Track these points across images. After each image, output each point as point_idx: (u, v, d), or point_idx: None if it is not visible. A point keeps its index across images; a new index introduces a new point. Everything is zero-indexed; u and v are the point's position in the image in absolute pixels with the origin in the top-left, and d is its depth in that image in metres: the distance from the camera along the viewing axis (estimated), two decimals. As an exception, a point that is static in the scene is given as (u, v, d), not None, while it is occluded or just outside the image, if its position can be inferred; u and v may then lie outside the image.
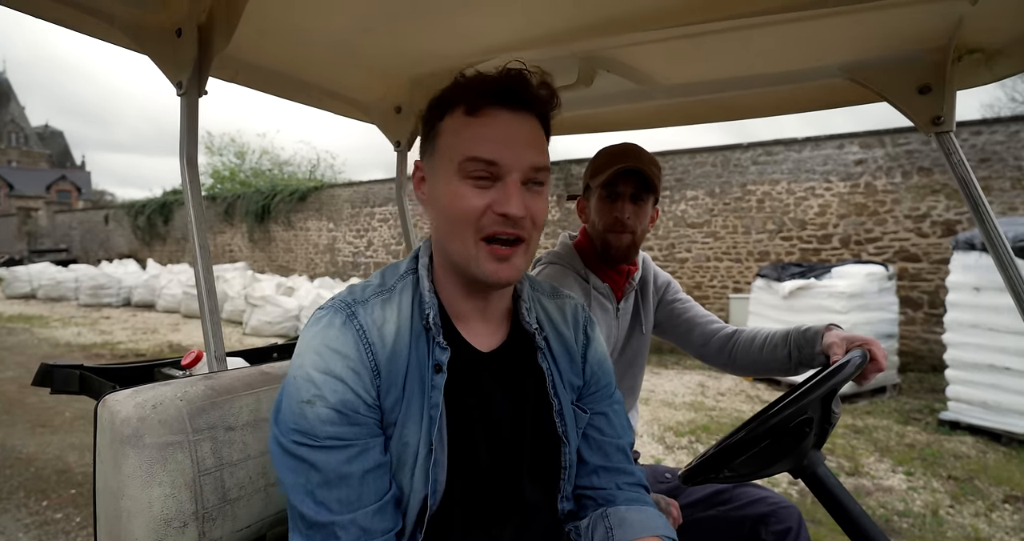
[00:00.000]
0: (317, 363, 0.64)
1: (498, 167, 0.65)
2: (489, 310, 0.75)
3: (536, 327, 0.77)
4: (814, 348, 1.07)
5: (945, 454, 3.62)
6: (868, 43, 1.00)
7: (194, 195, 1.00)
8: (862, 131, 6.42)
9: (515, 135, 0.66)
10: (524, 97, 0.67)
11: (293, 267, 12.20)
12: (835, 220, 6.60)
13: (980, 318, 3.91)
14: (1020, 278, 0.97)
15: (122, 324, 9.42)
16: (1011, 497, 3.01)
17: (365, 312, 0.68)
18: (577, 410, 0.79)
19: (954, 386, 4.09)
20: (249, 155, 18.93)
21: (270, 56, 1.21)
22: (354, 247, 11.21)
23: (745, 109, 1.39)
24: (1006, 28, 0.91)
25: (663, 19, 0.99)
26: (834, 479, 0.78)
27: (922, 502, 2.97)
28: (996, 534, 2.61)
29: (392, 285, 0.72)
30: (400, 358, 0.67)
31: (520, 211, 0.64)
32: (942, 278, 5.11)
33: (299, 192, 12.10)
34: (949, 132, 1.00)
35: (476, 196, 0.65)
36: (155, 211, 15.15)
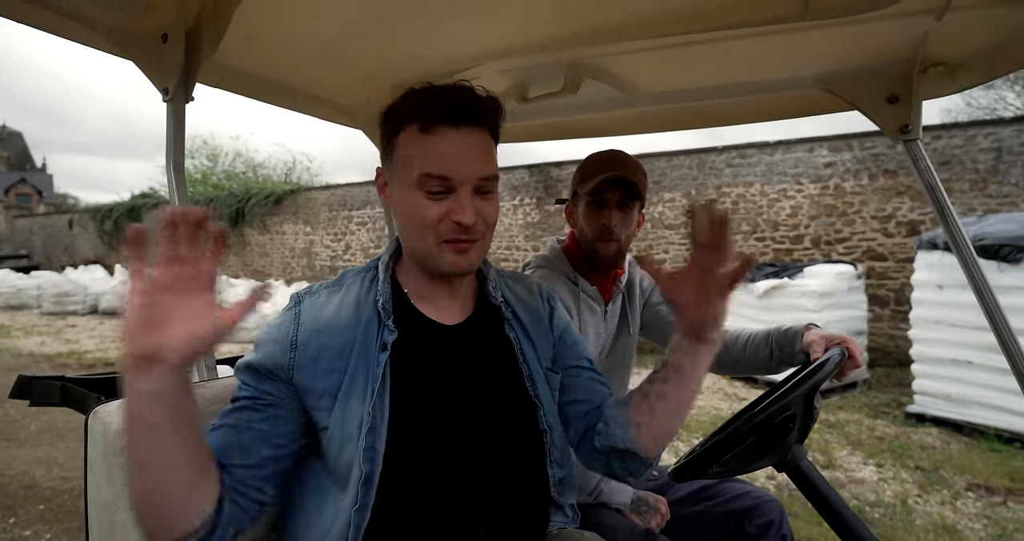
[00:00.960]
0: (258, 338, 0.75)
1: (450, 181, 0.72)
2: (455, 291, 0.83)
3: (502, 300, 0.85)
4: (794, 347, 1.12)
5: (912, 446, 3.77)
6: (841, 55, 1.05)
7: (181, 202, 0.99)
8: (831, 135, 6.64)
9: (464, 151, 0.73)
10: (471, 113, 0.74)
11: (269, 272, 11.97)
12: (806, 221, 6.81)
13: (943, 314, 4.08)
14: (982, 276, 1.03)
15: (89, 332, 9.09)
16: (973, 485, 3.15)
17: (309, 300, 0.78)
18: (549, 373, 0.85)
19: (920, 380, 4.25)
20: (222, 158, 18.53)
21: (256, 61, 1.20)
22: (332, 251, 11.06)
23: (724, 116, 1.44)
24: (968, 43, 0.97)
25: (648, 29, 1.02)
26: (816, 472, 0.82)
27: (892, 492, 3.08)
28: (961, 521, 2.73)
29: (345, 280, 0.82)
30: (336, 337, 0.74)
31: (472, 219, 0.72)
32: (907, 276, 5.31)
33: (274, 195, 11.89)
34: (916, 140, 1.05)
35: (432, 207, 0.73)
36: (123, 215, 14.69)
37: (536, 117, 1.52)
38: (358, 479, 0.69)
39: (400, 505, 0.71)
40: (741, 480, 1.22)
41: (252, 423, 0.69)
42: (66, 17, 0.95)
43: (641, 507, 1.14)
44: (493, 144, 0.79)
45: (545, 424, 0.81)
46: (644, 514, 1.12)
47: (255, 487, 0.68)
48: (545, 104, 1.39)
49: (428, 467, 0.73)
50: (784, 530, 1.13)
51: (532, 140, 1.68)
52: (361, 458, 0.69)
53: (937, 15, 0.84)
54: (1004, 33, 0.94)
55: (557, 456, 0.82)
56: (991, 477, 3.22)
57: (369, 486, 0.69)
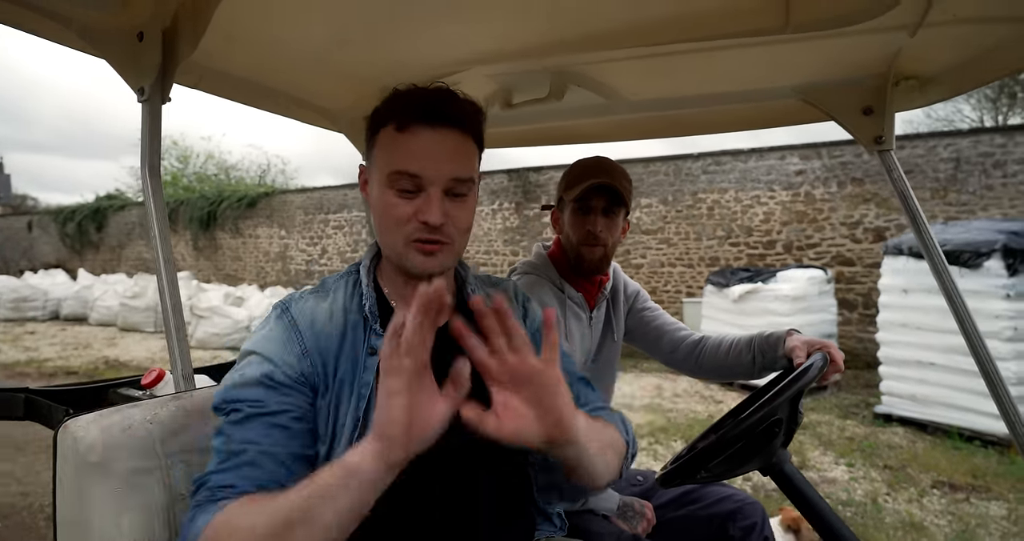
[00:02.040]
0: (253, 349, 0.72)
1: (420, 179, 0.72)
2: None
3: None
4: (776, 352, 1.14)
5: (880, 445, 3.89)
6: (819, 67, 1.09)
7: (157, 206, 0.96)
8: (801, 144, 6.84)
9: (437, 150, 0.73)
10: (447, 114, 0.74)
11: (242, 276, 11.69)
12: (779, 227, 6.99)
13: (908, 318, 4.23)
14: (952, 281, 1.07)
15: (49, 339, 8.72)
16: (938, 482, 3.27)
17: (297, 305, 0.77)
18: None
19: (887, 381, 4.40)
20: (193, 159, 18.04)
21: (236, 62, 1.17)
22: (307, 255, 10.86)
23: (706, 125, 1.46)
24: (938, 59, 1.01)
25: (633, 38, 1.03)
26: (800, 475, 0.84)
27: (863, 491, 3.17)
28: (927, 518, 2.83)
29: (328, 286, 0.81)
30: (330, 342, 0.73)
31: (439, 220, 0.71)
32: (874, 281, 5.49)
33: (248, 198, 11.62)
34: (890, 150, 1.09)
35: (402, 205, 0.73)
36: (87, 217, 14.15)
37: (521, 123, 1.52)
38: None
39: (382, 514, 0.69)
40: (724, 484, 1.24)
41: (280, 442, 0.66)
42: (38, 13, 0.91)
43: (627, 513, 1.14)
44: (473, 148, 0.78)
45: None
46: (630, 520, 1.13)
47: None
48: (530, 110, 1.39)
49: (411, 475, 0.71)
50: (767, 532, 1.15)
51: (516, 145, 1.69)
52: None
53: (911, 31, 0.87)
54: (970, 51, 0.98)
55: (540, 460, 0.81)
56: (954, 474, 3.35)
57: None
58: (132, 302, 9.65)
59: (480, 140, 0.80)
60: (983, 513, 2.87)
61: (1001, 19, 0.86)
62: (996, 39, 0.91)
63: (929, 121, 12.62)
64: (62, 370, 6.44)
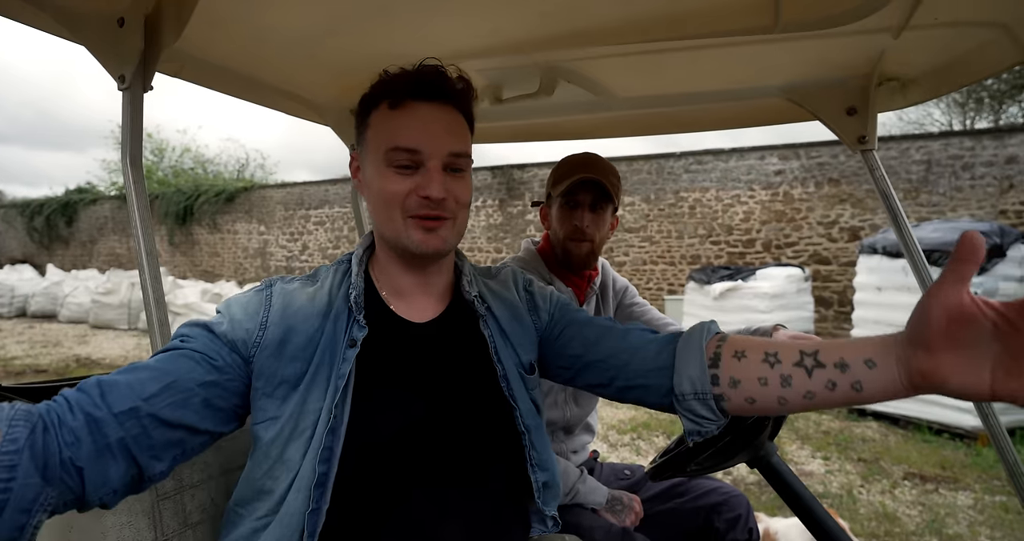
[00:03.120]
0: (223, 307, 0.71)
1: (419, 154, 0.71)
2: (430, 285, 0.80)
3: (476, 295, 0.82)
4: None
5: (855, 439, 4.00)
6: (805, 67, 1.11)
7: (139, 197, 0.93)
8: (780, 144, 6.98)
9: (433, 125, 0.72)
10: (441, 89, 0.74)
11: (219, 272, 11.46)
12: (758, 225, 7.12)
13: (882, 315, 4.35)
14: (931, 278, 1.10)
15: (16, 337, 8.43)
16: (909, 474, 3.37)
17: (281, 286, 0.75)
18: (523, 373, 0.81)
19: (862, 377, 4.52)
20: (168, 153, 17.60)
21: (220, 51, 1.14)
22: (288, 251, 10.70)
23: (694, 123, 1.48)
24: (919, 61, 1.04)
25: (623, 35, 1.04)
26: (786, 467, 0.85)
27: (838, 483, 3.26)
28: (899, 508, 2.92)
29: (319, 275, 0.79)
30: (306, 328, 0.71)
31: (440, 193, 0.70)
32: (849, 279, 5.64)
33: (226, 193, 11.39)
34: (872, 150, 1.12)
35: (401, 182, 0.71)
36: (56, 211, 13.70)
37: (510, 118, 1.51)
38: (310, 480, 0.65)
39: (361, 513, 0.68)
40: (710, 477, 1.26)
41: (189, 375, 0.63)
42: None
43: (616, 506, 1.15)
44: (466, 125, 0.77)
45: (523, 426, 0.78)
46: (619, 513, 1.14)
47: (158, 448, 0.59)
48: (519, 105, 1.39)
49: (389, 473, 0.69)
50: (751, 524, 1.17)
51: (505, 141, 1.68)
52: (317, 458, 0.65)
53: (895, 33, 0.89)
54: (949, 55, 1.01)
55: (538, 459, 0.79)
56: (924, 466, 3.46)
57: (323, 489, 0.65)
58: (104, 299, 9.38)
59: (471, 119, 0.79)
60: (951, 503, 2.98)
61: (980, 23, 0.88)
62: (975, 42, 0.94)
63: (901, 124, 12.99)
64: (31, 368, 6.23)
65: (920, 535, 2.63)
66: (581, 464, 1.31)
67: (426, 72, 0.74)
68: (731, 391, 0.64)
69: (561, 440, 1.28)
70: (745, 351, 0.64)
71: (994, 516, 2.80)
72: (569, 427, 1.30)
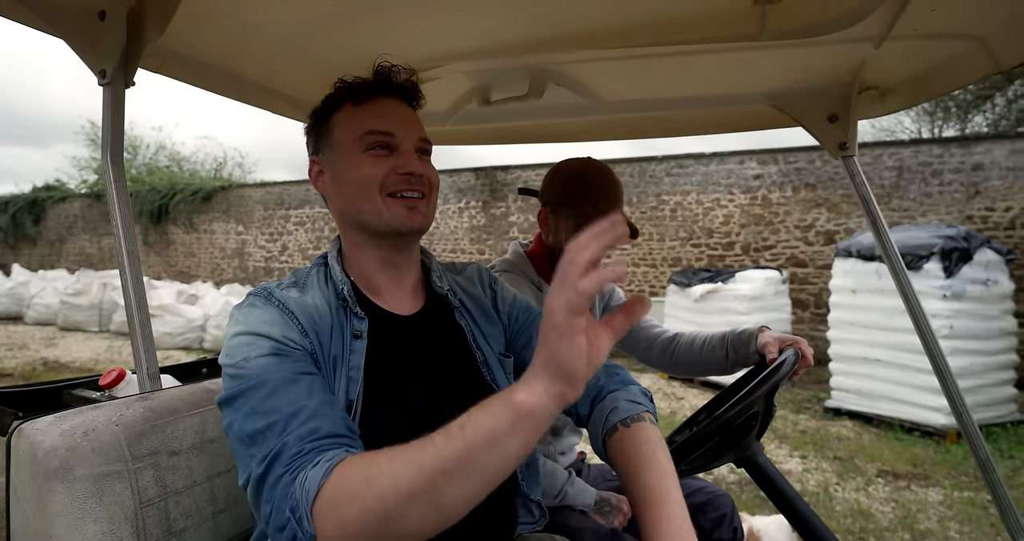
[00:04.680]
0: (244, 330, 0.66)
1: (394, 137, 0.76)
2: (403, 280, 0.82)
3: (448, 289, 0.86)
4: (749, 348, 1.18)
5: (830, 438, 4.09)
6: (789, 75, 1.13)
7: (120, 194, 0.90)
8: (759, 149, 7.12)
9: (401, 114, 0.79)
10: (399, 87, 0.81)
11: (196, 273, 11.19)
12: (737, 229, 7.24)
13: (856, 316, 4.47)
14: (908, 281, 1.13)
15: (-21, 339, 8.11)
16: (883, 472, 3.47)
17: (279, 292, 0.74)
18: (502, 358, 0.86)
19: (836, 377, 4.64)
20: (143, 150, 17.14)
21: (204, 47, 1.12)
22: (267, 251, 10.51)
23: (680, 127, 1.50)
24: (898, 71, 1.08)
25: (613, 40, 1.05)
26: (772, 466, 0.87)
27: (815, 481, 3.33)
28: (873, 505, 3.00)
29: (301, 280, 0.79)
30: (324, 323, 0.72)
31: (419, 169, 0.75)
32: (825, 282, 5.78)
33: (203, 192, 11.14)
34: (853, 156, 1.15)
35: (378, 164, 0.75)
36: (22, 209, 13.21)
37: (498, 120, 1.52)
38: None
39: None
40: (695, 477, 1.27)
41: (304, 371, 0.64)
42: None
43: (604, 507, 1.16)
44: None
45: None
46: (607, 514, 1.14)
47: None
48: (507, 108, 1.39)
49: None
50: (735, 523, 1.19)
51: (494, 143, 1.68)
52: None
53: (876, 43, 0.92)
54: (927, 65, 1.05)
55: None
56: (897, 464, 3.56)
57: None
58: (74, 300, 9.08)
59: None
60: (922, 499, 3.07)
61: (956, 35, 0.92)
62: (951, 54, 0.97)
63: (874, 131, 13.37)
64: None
65: (893, 531, 2.71)
66: (569, 466, 1.31)
67: (386, 73, 0.80)
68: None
69: (548, 442, 1.29)
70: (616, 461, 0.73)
71: (962, 511, 2.90)
72: (556, 429, 1.30)
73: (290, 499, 0.53)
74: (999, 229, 6.13)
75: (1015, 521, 1.08)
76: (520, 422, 0.48)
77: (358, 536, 0.51)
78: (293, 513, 0.53)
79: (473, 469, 0.49)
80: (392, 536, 0.51)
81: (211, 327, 7.60)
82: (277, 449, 0.56)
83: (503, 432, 0.48)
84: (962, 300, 4.01)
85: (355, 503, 0.51)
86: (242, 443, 0.59)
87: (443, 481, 0.49)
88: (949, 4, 0.80)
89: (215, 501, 0.77)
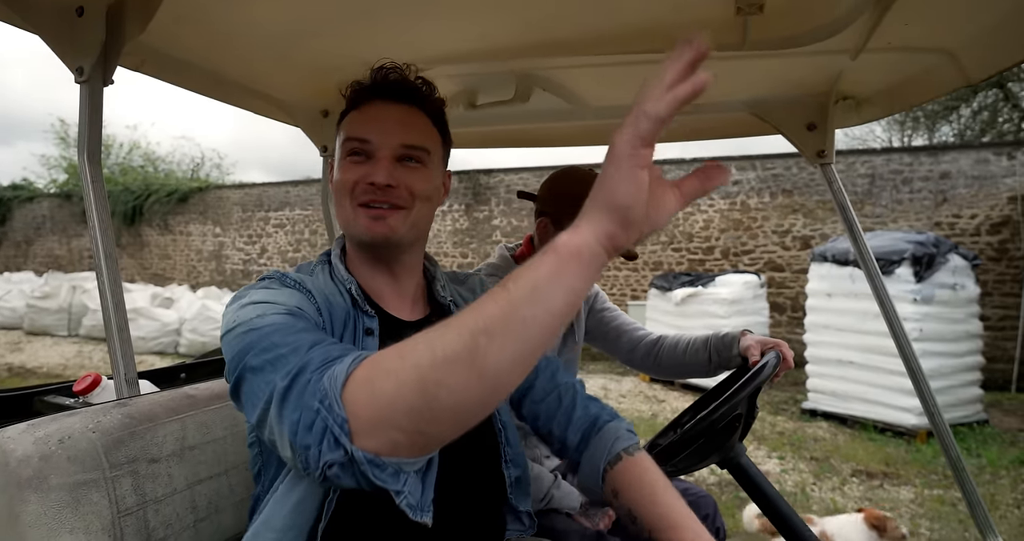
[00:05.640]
0: (261, 299, 0.63)
1: (370, 144, 0.74)
2: (402, 287, 0.81)
3: (451, 300, 0.85)
4: (731, 351, 1.20)
5: (807, 438, 4.18)
6: (770, 84, 1.16)
7: (97, 195, 0.88)
8: (737, 155, 7.26)
9: (386, 119, 0.76)
10: (396, 89, 0.78)
11: (171, 275, 10.93)
12: (717, 233, 7.37)
13: (831, 320, 4.58)
14: (883, 285, 1.17)
15: (-59, 345, 7.78)
16: (857, 471, 3.55)
17: (295, 275, 0.73)
18: None
19: (812, 379, 4.74)
20: (116, 149, 16.68)
21: (186, 46, 1.10)
22: (245, 254, 10.31)
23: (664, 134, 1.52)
24: (873, 82, 1.11)
25: (599, 46, 1.06)
26: (755, 467, 0.89)
27: (793, 482, 3.39)
28: (848, 504, 3.07)
29: (307, 271, 0.78)
30: (338, 311, 0.71)
31: (385, 180, 0.72)
32: (801, 286, 5.90)
33: (179, 192, 10.90)
34: (830, 164, 1.18)
35: (352, 170, 0.74)
36: (-12, 209, 12.76)
37: (484, 124, 1.52)
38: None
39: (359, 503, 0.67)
40: (678, 479, 1.29)
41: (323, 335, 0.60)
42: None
43: (589, 510, 1.16)
44: (425, 120, 0.79)
45: (499, 423, 0.80)
46: (592, 517, 1.15)
47: None
48: (493, 112, 1.40)
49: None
50: (718, 523, 1.21)
51: (480, 146, 1.69)
52: None
53: (852, 55, 0.95)
54: (901, 77, 1.09)
55: (512, 455, 0.81)
56: (870, 463, 3.65)
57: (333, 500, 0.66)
58: (41, 303, 8.78)
59: (439, 121, 0.81)
60: (895, 497, 3.15)
61: (928, 49, 0.95)
62: (923, 66, 1.01)
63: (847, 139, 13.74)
64: (-45, 379, 5.76)
65: (868, 529, 2.77)
66: (554, 469, 1.31)
67: (385, 74, 0.78)
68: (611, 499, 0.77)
69: (535, 445, 1.29)
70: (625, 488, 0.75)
71: (932, 509, 2.99)
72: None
73: (318, 393, 0.48)
74: (965, 235, 6.35)
75: (984, 517, 1.12)
76: (565, 265, 0.43)
77: (393, 414, 0.45)
78: (322, 402, 0.47)
79: (516, 324, 0.43)
80: (430, 414, 0.45)
81: (187, 331, 7.43)
82: (302, 364, 0.52)
83: (546, 278, 0.43)
84: (931, 304, 4.14)
85: (389, 377, 0.46)
86: (258, 373, 0.54)
87: (484, 341, 0.43)
88: (921, 19, 0.83)
89: (196, 509, 0.76)
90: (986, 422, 4.38)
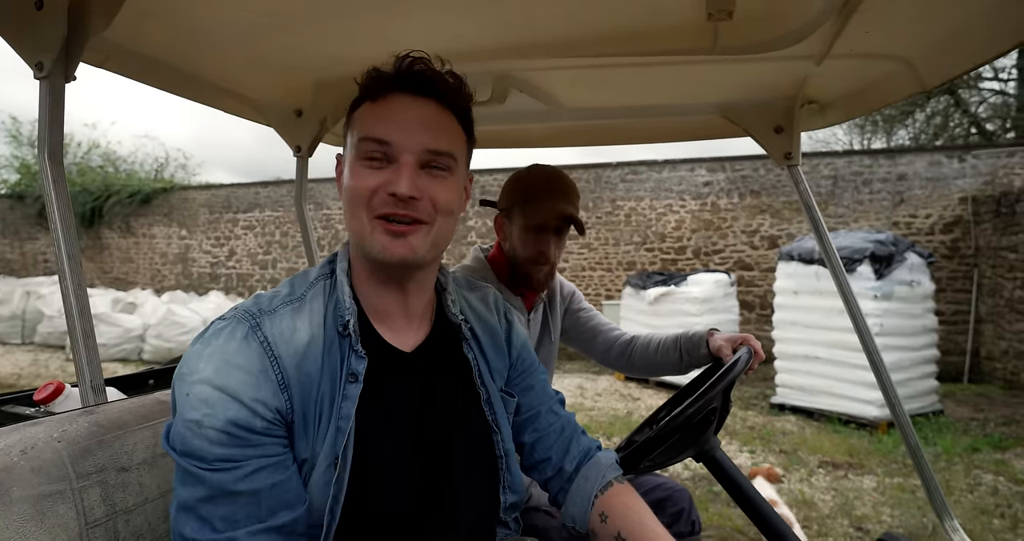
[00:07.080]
0: (212, 379, 0.59)
1: (391, 147, 0.65)
2: (410, 305, 0.73)
3: (462, 318, 0.78)
4: (700, 350, 1.23)
5: (776, 432, 4.30)
6: (739, 88, 1.20)
7: (59, 195, 0.85)
8: (708, 157, 7.44)
9: (411, 117, 0.66)
10: (422, 82, 0.68)
11: (134, 280, 10.53)
12: (688, 234, 7.53)
13: (798, 317, 4.74)
14: (847, 282, 1.22)
15: None
16: (823, 462, 3.68)
17: (272, 323, 0.64)
18: (505, 396, 0.80)
19: (781, 375, 4.89)
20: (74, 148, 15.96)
21: (152, 42, 1.07)
22: (213, 257, 10.02)
23: (636, 135, 1.55)
24: (836, 87, 1.16)
25: (575, 48, 1.08)
26: (729, 461, 0.91)
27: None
28: (815, 494, 3.17)
29: (302, 293, 0.69)
30: (313, 369, 0.64)
31: (408, 191, 0.63)
32: (770, 284, 6.09)
33: (142, 194, 10.51)
34: (797, 166, 1.23)
35: (369, 176, 0.65)
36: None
37: (460, 125, 1.52)
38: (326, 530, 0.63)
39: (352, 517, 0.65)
40: (654, 474, 1.31)
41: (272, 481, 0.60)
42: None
43: (568, 507, 1.17)
44: (455, 124, 0.70)
45: (501, 450, 0.77)
46: (572, 513, 1.16)
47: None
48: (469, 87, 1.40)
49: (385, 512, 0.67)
50: (693, 517, 1.23)
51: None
52: (328, 505, 0.62)
53: (817, 61, 0.99)
54: (862, 82, 1.14)
55: (510, 482, 0.78)
56: (835, 454, 3.79)
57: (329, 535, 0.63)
58: (-5, 310, 8.36)
59: (466, 119, 0.73)
60: (859, 487, 3.27)
61: (886, 56, 1.00)
62: (882, 73, 1.06)
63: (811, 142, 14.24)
64: None
65: (833, 518, 2.87)
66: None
67: (410, 64, 0.68)
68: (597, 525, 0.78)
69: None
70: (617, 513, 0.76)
71: (894, 496, 3.12)
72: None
73: None
74: (921, 234, 6.65)
75: (941, 502, 1.18)
76: None
77: None
78: None
79: None
80: None
81: (151, 337, 7.17)
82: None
83: None
84: (890, 300, 4.32)
85: None
86: (180, 536, 0.59)
87: None
88: (881, 28, 0.87)
89: (168, 518, 0.73)
90: (941, 412, 4.60)
